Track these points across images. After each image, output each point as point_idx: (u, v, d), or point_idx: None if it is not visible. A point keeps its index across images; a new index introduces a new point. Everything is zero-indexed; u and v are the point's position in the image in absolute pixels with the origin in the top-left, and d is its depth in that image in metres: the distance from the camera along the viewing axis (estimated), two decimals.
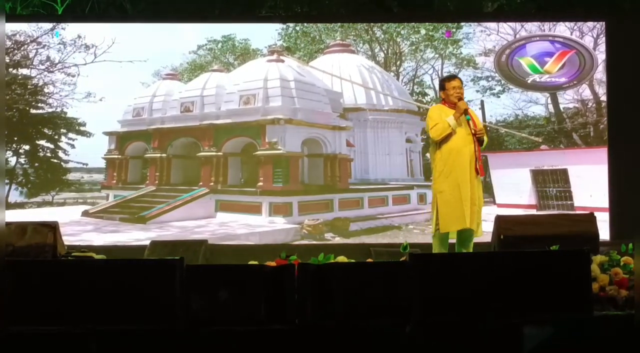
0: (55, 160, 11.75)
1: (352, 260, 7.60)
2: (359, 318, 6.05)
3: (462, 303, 6.07)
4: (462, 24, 12.23)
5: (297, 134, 12.23)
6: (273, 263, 6.78)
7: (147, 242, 9.96)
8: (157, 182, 12.09)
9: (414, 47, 12.41)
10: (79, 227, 11.54)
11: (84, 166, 11.76)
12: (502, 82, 11.91)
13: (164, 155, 12.18)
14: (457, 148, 8.10)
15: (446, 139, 8.15)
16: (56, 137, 11.75)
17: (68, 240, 10.53)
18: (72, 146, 11.73)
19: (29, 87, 11.63)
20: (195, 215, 11.81)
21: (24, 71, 11.69)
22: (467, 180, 8.05)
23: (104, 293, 6.01)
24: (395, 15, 14.29)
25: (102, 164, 12.05)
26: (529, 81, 11.75)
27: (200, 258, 8.08)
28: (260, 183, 11.99)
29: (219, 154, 12.19)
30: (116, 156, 12.07)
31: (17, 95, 11.55)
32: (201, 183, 12.06)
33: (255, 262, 7.12)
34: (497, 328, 6.04)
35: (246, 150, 12.36)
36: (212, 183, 12.09)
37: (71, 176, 11.72)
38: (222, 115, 12.33)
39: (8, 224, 7.14)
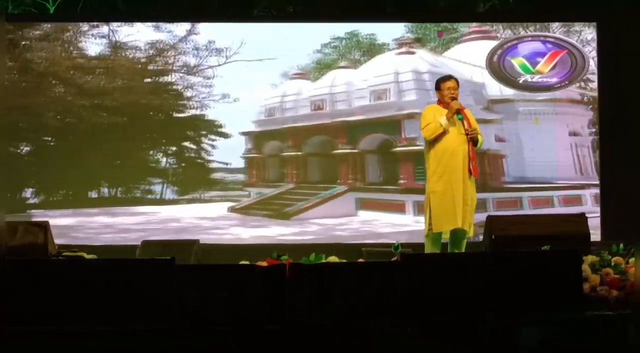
0: (199, 160, 12.02)
1: (344, 260, 7.60)
2: (349, 318, 6.05)
3: (453, 304, 6.08)
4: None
5: None
6: (264, 263, 6.78)
7: (291, 238, 10.86)
8: (295, 180, 12.08)
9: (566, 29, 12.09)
10: (227, 221, 11.85)
11: (226, 166, 11.99)
12: None
13: (300, 153, 12.14)
14: (451, 148, 8.13)
15: (439, 138, 8.18)
16: (198, 138, 12.02)
17: (217, 234, 11.43)
18: (213, 147, 11.98)
19: (170, 92, 11.95)
20: (336, 213, 11.76)
21: (166, 78, 11.97)
22: (460, 181, 8.07)
23: (95, 293, 6.00)
24: (389, 15, 14.29)
25: (241, 162, 12.14)
26: (520, 81, 11.75)
27: (192, 258, 8.08)
28: (402, 181, 11.84)
29: (355, 151, 12.05)
30: (255, 155, 12.09)
31: (163, 99, 11.89)
32: (340, 181, 11.99)
33: (247, 262, 7.11)
34: (488, 329, 6.05)
35: (383, 147, 12.14)
36: (350, 181, 11.99)
37: (216, 175, 11.98)
38: (355, 112, 12.15)
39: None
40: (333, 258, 7.61)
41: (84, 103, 11.72)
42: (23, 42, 11.79)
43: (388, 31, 12.26)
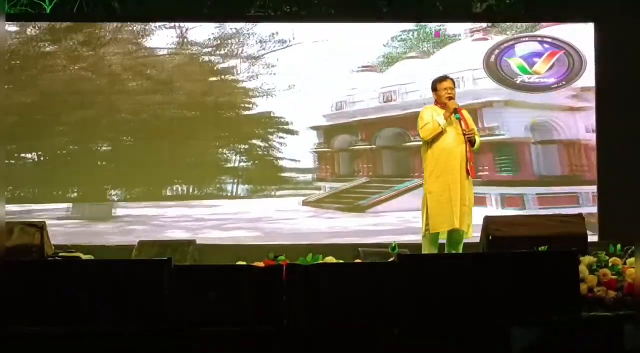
0: (269, 158, 12.03)
1: (341, 261, 7.59)
2: (346, 319, 6.04)
3: (450, 304, 6.07)
4: None
5: (520, 117, 11.80)
6: (261, 264, 6.77)
7: (368, 229, 11.00)
8: (369, 173, 12.01)
9: None
10: (300, 213, 11.87)
11: (296, 162, 12.01)
12: None
13: (372, 146, 12.08)
14: (448, 148, 8.14)
15: (437, 138, 8.18)
16: (267, 135, 12.03)
17: (288, 224, 11.59)
18: (282, 144, 12.02)
19: (237, 88, 11.99)
20: (411, 207, 11.24)
21: (231, 77, 12.01)
22: (457, 181, 8.07)
23: (92, 294, 5.99)
24: (385, 15, 14.30)
25: (310, 158, 12.12)
26: (517, 82, 11.75)
27: (188, 258, 8.06)
28: (483, 173, 11.62)
29: None
30: (325, 149, 12.04)
31: (229, 95, 11.95)
32: (414, 174, 11.72)
33: (244, 263, 7.10)
34: (485, 330, 6.04)
35: None
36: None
37: (286, 172, 12.02)
38: (427, 102, 12.01)
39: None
40: (330, 259, 7.60)
41: (157, 99, 11.84)
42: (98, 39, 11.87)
43: (460, 24, 12.21)
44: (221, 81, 11.92)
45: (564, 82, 11.74)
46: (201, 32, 11.90)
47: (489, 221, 7.84)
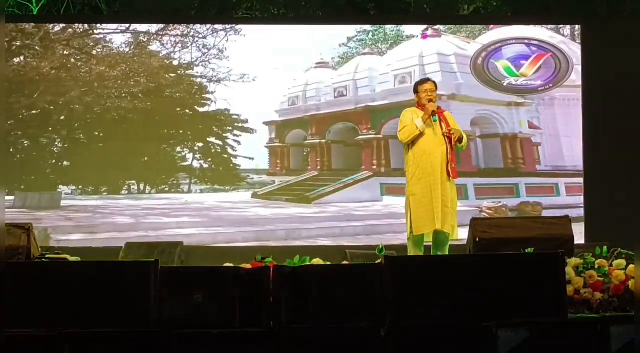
0: (225, 156, 12.13)
1: (328, 263, 7.59)
2: (334, 321, 6.04)
3: (437, 306, 6.09)
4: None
5: (464, 111, 11.77)
6: (248, 266, 6.77)
7: (312, 216, 10.91)
8: (318, 167, 12.13)
9: None
10: (249, 205, 11.96)
11: (251, 160, 12.10)
12: None
13: (322, 141, 12.17)
14: (429, 150, 8.13)
15: (417, 141, 8.18)
16: (223, 134, 12.11)
17: (237, 213, 11.78)
18: (238, 142, 12.10)
19: (195, 86, 12.06)
20: (359, 198, 11.77)
21: (189, 71, 12.08)
22: (438, 183, 8.07)
23: (79, 296, 5.99)
24: (372, 17, 14.33)
25: (264, 152, 12.23)
26: (504, 84, 11.78)
27: (175, 260, 8.06)
28: None
29: (379, 136, 11.96)
30: (277, 144, 12.12)
31: (185, 93, 12.02)
32: (363, 167, 11.95)
33: (231, 264, 7.09)
34: (471, 331, 6.05)
35: None
36: (374, 167, 11.94)
37: (240, 169, 12.15)
38: (377, 97, 12.06)
39: None
40: (317, 261, 7.59)
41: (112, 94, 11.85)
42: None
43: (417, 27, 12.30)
44: (177, 77, 12.02)
45: (550, 85, 11.77)
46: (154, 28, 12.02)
47: (475, 223, 7.84)
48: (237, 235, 11.58)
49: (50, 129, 11.89)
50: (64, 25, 11.93)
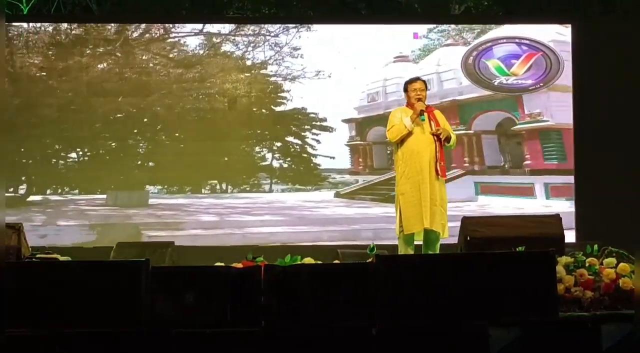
0: (304, 155, 12.06)
1: (319, 262, 7.59)
2: (325, 320, 6.04)
3: (428, 305, 6.09)
4: None
5: (566, 101, 11.61)
6: (240, 265, 6.76)
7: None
8: None
9: None
10: (332, 203, 11.89)
11: (332, 159, 11.98)
12: None
13: None
14: (417, 149, 8.14)
15: (406, 140, 8.19)
16: (302, 133, 12.05)
17: (323, 213, 11.75)
18: (318, 141, 12.00)
19: (270, 85, 12.02)
20: (451, 198, 11.62)
21: (263, 70, 12.07)
22: (426, 181, 8.08)
23: (69, 295, 5.98)
24: (363, 17, 14.33)
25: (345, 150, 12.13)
26: (495, 83, 11.79)
27: (166, 259, 8.05)
28: (527, 162, 11.54)
29: (470, 132, 11.76)
30: (359, 142, 11.95)
31: (260, 93, 12.00)
32: (454, 164, 11.60)
33: (222, 264, 7.09)
34: (462, 330, 6.06)
35: (502, 126, 11.82)
36: (466, 164, 11.73)
37: (322, 168, 12.06)
38: (465, 90, 11.83)
39: None
40: (308, 260, 7.59)
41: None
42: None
43: None
44: (252, 76, 11.99)
45: (541, 84, 11.79)
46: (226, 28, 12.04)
47: (466, 222, 7.85)
48: (323, 235, 11.50)
49: (135, 130, 11.99)
50: (141, 30, 12.01)
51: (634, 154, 11.26)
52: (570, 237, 10.06)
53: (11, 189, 11.58)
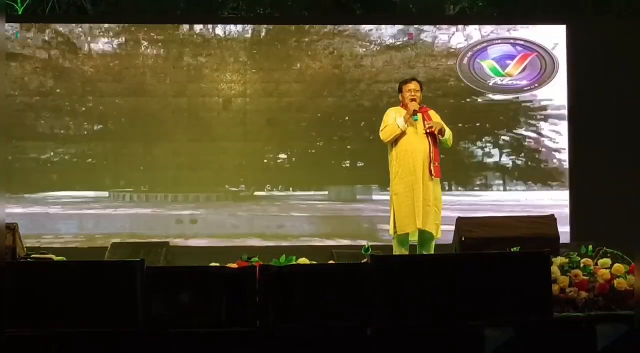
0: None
1: (314, 262, 7.59)
2: (320, 321, 6.04)
3: (423, 305, 6.09)
4: None
5: None
6: (234, 265, 6.76)
7: None
8: None
9: None
10: None
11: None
12: None
13: None
14: (411, 149, 8.14)
15: (399, 140, 8.19)
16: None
17: None
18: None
19: None
20: None
21: None
22: (419, 181, 8.08)
23: (64, 296, 5.97)
24: (358, 17, 14.35)
25: None
26: (490, 84, 11.81)
27: (161, 259, 8.05)
28: None
29: None
30: None
31: None
32: None
33: (217, 264, 7.09)
34: (457, 331, 6.06)
35: None
36: None
37: None
38: None
39: None
40: (303, 260, 7.59)
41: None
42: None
43: None
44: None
45: (536, 85, 11.81)
46: None
47: (461, 222, 7.86)
48: None
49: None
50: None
51: (629, 154, 11.29)
52: (564, 237, 10.06)
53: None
